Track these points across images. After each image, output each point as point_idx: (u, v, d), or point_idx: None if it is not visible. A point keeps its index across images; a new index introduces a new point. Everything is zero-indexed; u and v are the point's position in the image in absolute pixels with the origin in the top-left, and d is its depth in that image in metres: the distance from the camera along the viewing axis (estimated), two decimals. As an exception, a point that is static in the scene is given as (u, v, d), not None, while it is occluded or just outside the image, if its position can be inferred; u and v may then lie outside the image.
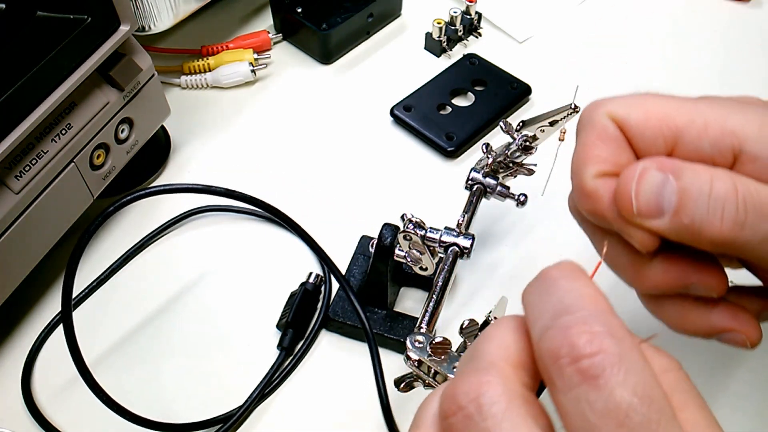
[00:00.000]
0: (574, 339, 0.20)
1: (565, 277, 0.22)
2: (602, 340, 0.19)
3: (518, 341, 0.22)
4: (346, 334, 0.42)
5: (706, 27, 0.61)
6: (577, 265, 0.23)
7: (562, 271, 0.23)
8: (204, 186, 0.37)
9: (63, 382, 0.40)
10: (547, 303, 0.22)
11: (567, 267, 0.23)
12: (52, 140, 0.38)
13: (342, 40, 0.58)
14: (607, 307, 0.21)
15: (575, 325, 0.20)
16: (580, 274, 0.22)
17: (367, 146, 0.52)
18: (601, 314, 0.20)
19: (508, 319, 0.23)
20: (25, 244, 0.38)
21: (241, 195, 0.36)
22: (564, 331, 0.20)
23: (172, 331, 0.42)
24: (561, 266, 0.23)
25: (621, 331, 0.20)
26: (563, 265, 0.23)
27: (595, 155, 0.28)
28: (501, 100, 0.54)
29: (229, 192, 0.36)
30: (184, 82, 0.56)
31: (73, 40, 0.37)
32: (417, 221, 0.37)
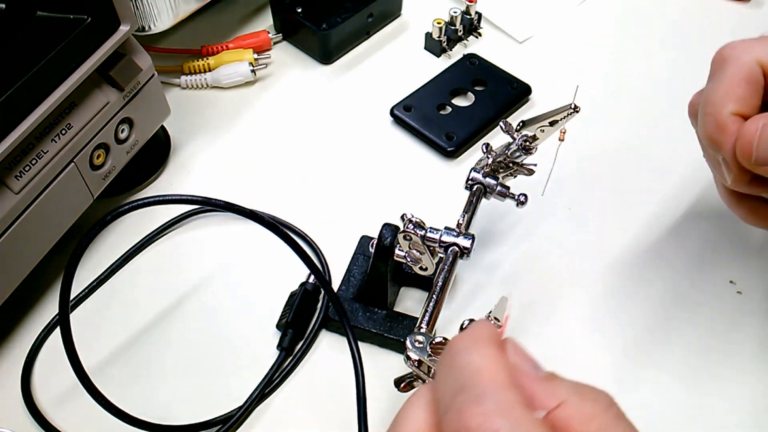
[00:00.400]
0: (467, 421, 0.20)
1: (466, 349, 0.22)
2: (493, 419, 0.19)
3: (431, 419, 0.22)
4: (346, 334, 0.42)
5: (706, 27, 0.61)
6: (483, 332, 0.23)
7: (465, 341, 0.22)
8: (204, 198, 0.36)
9: (63, 382, 0.40)
10: (447, 380, 0.22)
11: (471, 336, 0.23)
12: (52, 140, 0.38)
13: (342, 40, 0.58)
14: (503, 379, 0.21)
15: (468, 406, 0.20)
16: (484, 343, 0.22)
17: (367, 146, 0.52)
18: (494, 390, 0.20)
19: (425, 393, 0.23)
20: (25, 244, 0.38)
21: (221, 203, 0.36)
22: (459, 414, 0.20)
23: (172, 332, 0.42)
24: (466, 336, 0.23)
25: (514, 407, 0.20)
26: (469, 334, 0.23)
27: (737, 94, 0.32)
28: (501, 100, 0.54)
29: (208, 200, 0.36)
30: (184, 82, 0.56)
31: (73, 40, 0.37)
32: (417, 221, 0.37)
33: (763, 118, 0.31)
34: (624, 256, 0.46)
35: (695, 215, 0.47)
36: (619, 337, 0.42)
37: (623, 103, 0.55)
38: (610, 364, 0.41)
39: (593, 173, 0.50)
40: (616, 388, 0.40)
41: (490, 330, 0.23)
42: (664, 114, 0.54)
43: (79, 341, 0.38)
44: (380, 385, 0.40)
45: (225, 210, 0.36)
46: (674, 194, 0.49)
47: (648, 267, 0.45)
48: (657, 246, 0.46)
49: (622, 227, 0.47)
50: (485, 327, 0.23)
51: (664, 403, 0.39)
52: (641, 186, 0.49)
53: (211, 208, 0.48)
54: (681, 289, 0.44)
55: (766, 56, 0.33)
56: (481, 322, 0.24)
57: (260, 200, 0.48)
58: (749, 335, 0.42)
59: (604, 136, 0.52)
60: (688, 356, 0.41)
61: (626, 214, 0.48)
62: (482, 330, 0.23)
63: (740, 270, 0.45)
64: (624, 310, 0.43)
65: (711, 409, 0.39)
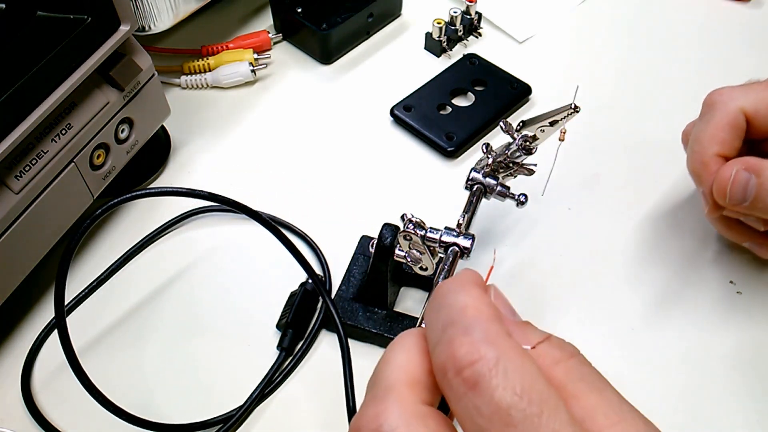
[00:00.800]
0: (455, 350, 0.21)
1: (454, 290, 0.23)
2: (480, 347, 0.21)
3: (415, 359, 0.23)
4: (346, 334, 0.42)
5: (706, 27, 0.61)
6: (469, 276, 0.24)
7: (453, 284, 0.24)
8: (188, 189, 0.36)
9: (63, 381, 0.40)
10: (437, 318, 0.23)
11: (457, 280, 0.24)
12: (52, 140, 0.38)
13: (342, 40, 0.58)
14: (488, 313, 0.22)
15: (456, 336, 0.21)
16: (470, 284, 0.24)
17: (367, 146, 0.52)
18: (480, 322, 0.22)
19: (407, 337, 0.24)
20: (26, 244, 0.38)
21: (224, 198, 0.36)
22: (448, 345, 0.21)
23: (172, 332, 0.42)
24: (453, 279, 0.24)
25: (499, 336, 0.21)
26: (455, 278, 0.24)
27: (721, 138, 0.38)
28: (501, 100, 0.54)
29: (212, 195, 0.36)
30: (184, 82, 0.56)
31: (73, 40, 0.37)
32: (417, 221, 0.37)
33: (738, 164, 0.36)
34: (624, 256, 0.46)
35: (695, 215, 0.47)
36: (619, 337, 0.42)
37: (623, 103, 0.55)
38: (610, 364, 0.41)
39: (593, 173, 0.50)
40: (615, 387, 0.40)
41: (475, 275, 0.25)
42: (664, 114, 0.54)
43: (80, 341, 0.38)
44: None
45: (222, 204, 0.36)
46: (674, 194, 0.49)
47: (647, 267, 0.45)
48: (657, 246, 0.46)
49: (621, 227, 0.47)
50: (471, 273, 0.25)
51: (663, 403, 0.39)
52: (641, 186, 0.49)
53: (211, 206, 0.48)
54: (681, 289, 0.44)
55: (749, 104, 0.38)
56: (467, 270, 0.25)
57: (260, 200, 0.48)
58: (749, 335, 0.42)
59: (604, 136, 0.52)
60: (687, 356, 0.41)
61: (626, 214, 0.48)
62: (468, 274, 0.25)
63: (740, 270, 0.45)
64: (624, 309, 0.43)
65: (711, 409, 0.39)
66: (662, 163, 0.51)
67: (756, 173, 0.36)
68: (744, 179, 0.36)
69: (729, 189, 0.36)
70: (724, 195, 0.37)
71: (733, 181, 0.36)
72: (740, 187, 0.36)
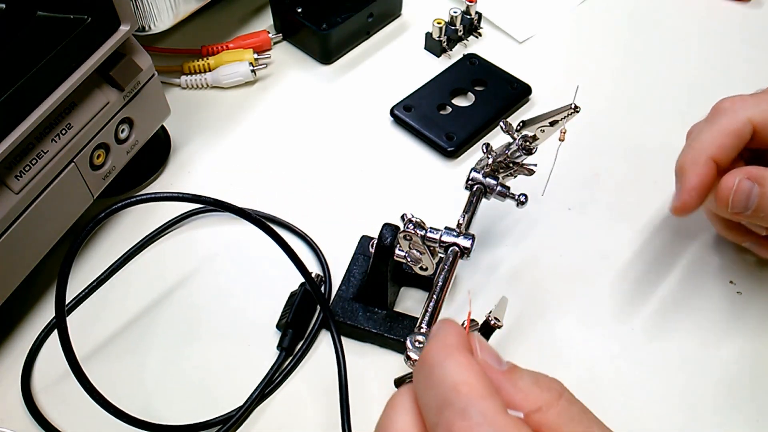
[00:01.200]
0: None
1: (441, 363, 0.24)
2: (481, 430, 0.21)
3: (417, 424, 0.24)
4: (346, 334, 0.42)
5: (707, 27, 0.61)
6: (452, 338, 0.25)
7: (439, 354, 0.24)
8: (191, 195, 0.36)
9: (63, 382, 0.40)
10: (431, 396, 0.23)
11: (442, 347, 0.24)
12: (52, 140, 0.38)
13: (342, 40, 0.58)
14: (481, 389, 0.23)
15: (455, 421, 0.22)
16: (456, 351, 0.24)
17: (367, 146, 0.52)
18: (476, 401, 0.22)
19: (404, 399, 0.25)
20: (26, 244, 0.38)
21: (213, 201, 0.36)
22: (447, 430, 0.22)
23: (172, 332, 0.42)
24: (438, 346, 0.25)
25: (497, 415, 0.22)
26: (440, 343, 0.25)
27: (722, 143, 0.37)
28: (501, 100, 0.54)
29: (214, 201, 0.36)
30: (184, 82, 0.56)
31: (73, 40, 0.37)
32: (417, 221, 0.37)
33: (741, 173, 0.36)
34: (624, 256, 0.46)
35: (695, 215, 0.47)
36: (619, 337, 0.42)
37: (623, 103, 0.55)
38: (610, 364, 0.41)
39: (593, 173, 0.50)
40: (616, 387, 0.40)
41: (457, 335, 0.25)
42: (665, 114, 0.54)
43: (80, 341, 0.38)
44: (380, 385, 0.40)
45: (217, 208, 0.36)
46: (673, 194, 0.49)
47: (648, 267, 0.45)
48: (657, 246, 0.46)
49: (621, 227, 0.47)
50: (453, 332, 0.25)
51: (663, 403, 0.39)
52: (641, 186, 0.49)
53: (208, 207, 0.48)
54: (681, 289, 0.44)
55: (759, 115, 0.38)
56: (446, 325, 0.26)
57: (260, 200, 0.48)
58: (749, 335, 0.42)
59: (604, 136, 0.52)
60: (687, 356, 0.41)
61: (626, 214, 0.48)
62: (451, 337, 0.25)
63: (740, 270, 0.45)
64: (623, 310, 0.43)
65: (711, 410, 0.39)
66: (662, 163, 0.50)
67: (759, 183, 0.36)
68: (747, 188, 0.36)
69: (732, 198, 0.36)
70: (726, 204, 0.37)
71: (736, 190, 0.36)
72: (743, 196, 0.36)
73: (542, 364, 0.41)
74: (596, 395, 0.40)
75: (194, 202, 0.36)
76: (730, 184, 0.36)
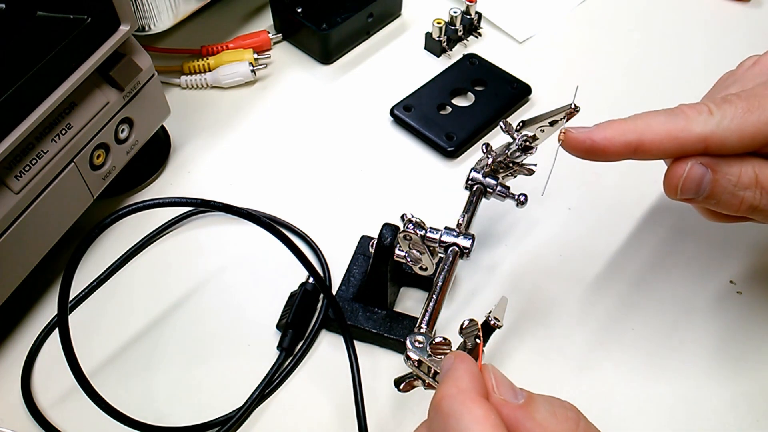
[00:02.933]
0: None
1: (455, 412, 0.24)
2: None
3: None
4: (351, 336, 0.42)
5: (706, 27, 0.61)
6: (466, 381, 0.25)
7: (453, 401, 0.24)
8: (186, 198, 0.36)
9: (63, 382, 0.40)
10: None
11: (456, 393, 0.24)
12: (52, 140, 0.38)
13: (342, 40, 0.58)
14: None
15: None
16: (470, 398, 0.24)
17: (367, 146, 0.52)
18: None
19: None
20: (25, 244, 0.38)
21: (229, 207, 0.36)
22: None
23: (171, 333, 0.42)
24: (452, 391, 0.25)
25: None
26: (452, 390, 0.25)
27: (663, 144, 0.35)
28: (501, 100, 0.54)
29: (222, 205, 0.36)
30: (184, 82, 0.56)
31: (73, 40, 0.37)
32: (417, 221, 0.37)
33: (692, 159, 0.34)
34: (623, 256, 0.46)
35: (695, 215, 0.47)
36: (619, 337, 0.42)
37: (623, 103, 0.55)
38: (610, 364, 0.41)
39: (593, 173, 0.50)
40: (616, 388, 0.40)
41: (470, 378, 0.25)
42: (664, 114, 0.54)
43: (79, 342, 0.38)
44: (380, 385, 0.40)
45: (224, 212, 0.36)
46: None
47: (647, 267, 0.45)
48: (656, 246, 0.46)
49: (621, 227, 0.47)
50: (466, 374, 0.25)
51: (664, 403, 0.39)
52: (641, 186, 0.49)
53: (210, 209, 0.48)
54: (681, 289, 0.44)
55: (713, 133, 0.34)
56: (459, 364, 0.26)
57: (260, 200, 0.48)
58: (749, 335, 0.42)
59: (604, 136, 0.52)
60: (687, 356, 0.41)
61: (626, 214, 0.48)
62: (464, 380, 0.25)
63: (740, 270, 0.45)
64: (624, 309, 0.43)
65: (712, 408, 0.39)
66: (662, 163, 0.51)
67: (712, 169, 0.33)
68: (698, 174, 0.34)
69: (681, 184, 0.34)
70: (675, 189, 0.35)
71: (687, 176, 0.34)
72: (693, 184, 0.34)
73: (542, 364, 0.41)
74: (596, 395, 0.40)
75: (203, 207, 0.35)
76: (680, 171, 0.34)
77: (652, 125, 0.35)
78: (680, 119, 0.34)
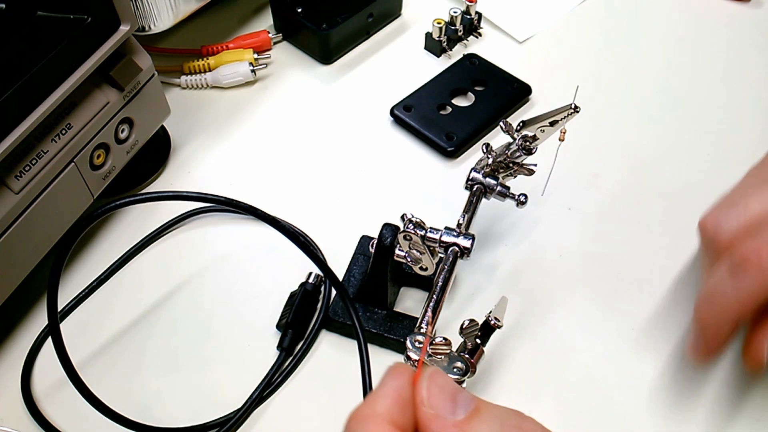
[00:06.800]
0: None
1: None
2: None
3: None
4: (346, 334, 0.42)
5: (706, 27, 0.61)
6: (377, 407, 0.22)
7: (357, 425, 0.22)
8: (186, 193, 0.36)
9: (63, 382, 0.40)
10: None
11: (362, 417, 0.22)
12: (52, 140, 0.38)
13: (342, 40, 0.58)
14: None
15: None
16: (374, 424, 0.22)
17: (367, 146, 0.52)
18: None
19: None
20: (26, 244, 0.38)
21: (234, 201, 0.36)
22: None
23: (171, 333, 0.42)
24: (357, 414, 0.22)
25: None
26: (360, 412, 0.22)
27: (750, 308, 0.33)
28: (501, 100, 0.54)
29: (224, 200, 0.36)
30: (184, 82, 0.56)
31: (73, 40, 0.37)
32: (417, 221, 0.37)
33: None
34: (623, 256, 0.46)
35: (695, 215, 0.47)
36: (619, 337, 0.42)
37: (623, 103, 0.55)
38: (610, 364, 0.41)
39: (593, 173, 0.50)
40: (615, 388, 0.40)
41: (394, 400, 0.22)
42: (664, 114, 0.54)
43: (79, 342, 0.38)
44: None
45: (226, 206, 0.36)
46: (673, 193, 0.49)
47: (647, 266, 0.45)
48: (656, 245, 0.46)
49: (621, 227, 0.47)
50: (389, 394, 0.23)
51: (665, 403, 0.39)
52: (641, 186, 0.49)
53: (210, 207, 0.48)
54: (681, 288, 0.44)
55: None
56: (388, 381, 0.23)
57: (260, 200, 0.48)
58: (749, 335, 0.42)
59: (604, 136, 0.52)
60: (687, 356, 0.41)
61: (626, 214, 0.48)
62: (382, 402, 0.22)
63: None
64: (624, 309, 0.43)
65: (712, 407, 0.39)
66: (662, 163, 0.51)
67: None
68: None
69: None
70: (760, 366, 0.34)
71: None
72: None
73: (542, 364, 0.41)
74: (596, 395, 0.40)
75: (209, 203, 0.35)
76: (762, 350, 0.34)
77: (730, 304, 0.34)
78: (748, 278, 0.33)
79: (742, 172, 0.51)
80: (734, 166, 0.50)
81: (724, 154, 0.51)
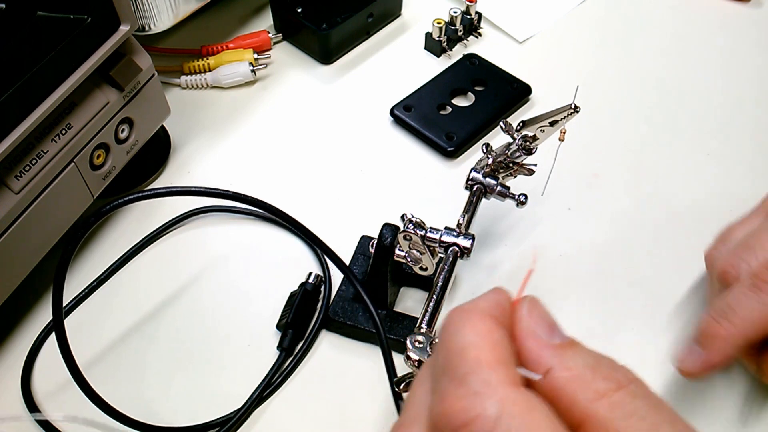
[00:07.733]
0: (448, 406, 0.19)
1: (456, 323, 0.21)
2: (476, 402, 0.18)
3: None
4: (346, 334, 0.42)
5: (706, 27, 0.61)
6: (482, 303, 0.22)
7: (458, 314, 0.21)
8: (203, 188, 0.36)
9: (63, 381, 0.40)
10: (439, 357, 0.21)
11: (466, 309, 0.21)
12: (52, 140, 0.38)
13: (342, 40, 0.58)
14: (491, 357, 0.20)
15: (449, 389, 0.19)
16: (477, 316, 0.21)
17: (367, 146, 0.52)
18: (480, 369, 0.19)
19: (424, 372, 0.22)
20: (26, 244, 0.38)
21: (241, 196, 0.36)
22: (440, 399, 0.19)
23: (171, 332, 0.42)
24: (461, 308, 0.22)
25: (502, 386, 0.19)
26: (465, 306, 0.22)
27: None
28: (501, 100, 0.54)
29: (231, 194, 0.36)
30: (184, 82, 0.56)
31: (73, 40, 0.37)
32: (417, 221, 0.37)
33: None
34: (623, 256, 0.46)
35: (695, 215, 0.47)
36: (619, 337, 0.42)
37: (623, 103, 0.55)
38: (610, 364, 0.41)
39: (593, 173, 0.50)
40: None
41: (489, 301, 0.22)
42: (664, 114, 0.54)
43: (80, 342, 0.38)
44: (380, 385, 0.40)
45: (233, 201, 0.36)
46: (673, 193, 0.49)
47: (647, 267, 0.45)
48: (657, 245, 0.46)
49: (621, 227, 0.47)
50: (489, 298, 0.22)
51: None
52: (641, 186, 0.49)
53: (210, 206, 0.48)
54: (681, 289, 0.44)
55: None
56: (489, 294, 0.22)
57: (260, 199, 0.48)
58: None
59: (604, 136, 0.52)
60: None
61: (626, 213, 0.48)
62: (482, 301, 0.22)
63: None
64: (624, 309, 0.43)
65: (712, 403, 0.39)
66: (662, 163, 0.51)
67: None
68: None
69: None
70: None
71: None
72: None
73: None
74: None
75: (216, 197, 0.35)
76: None
77: (746, 324, 0.34)
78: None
79: (742, 172, 0.51)
80: (734, 166, 0.51)
81: (724, 154, 0.51)
